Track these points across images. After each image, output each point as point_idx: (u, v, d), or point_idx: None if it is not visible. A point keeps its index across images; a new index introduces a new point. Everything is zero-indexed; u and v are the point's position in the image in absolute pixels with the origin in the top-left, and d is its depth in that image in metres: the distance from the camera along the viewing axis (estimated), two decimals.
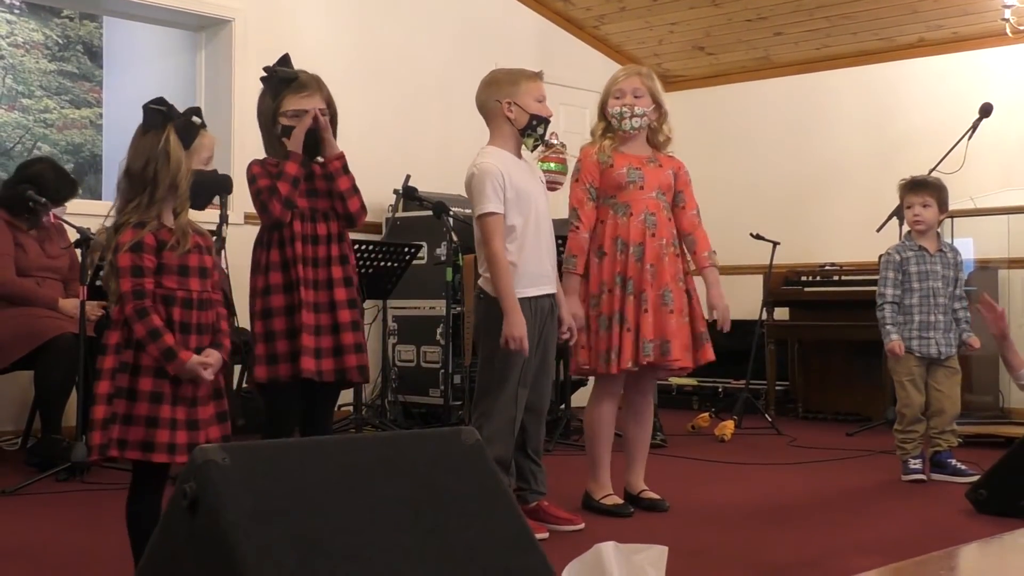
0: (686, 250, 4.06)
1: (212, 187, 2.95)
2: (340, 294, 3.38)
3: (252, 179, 3.39)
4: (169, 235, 2.71)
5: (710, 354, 4.01)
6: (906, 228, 4.94)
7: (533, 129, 3.65)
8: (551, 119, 3.74)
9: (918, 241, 4.76)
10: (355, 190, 3.46)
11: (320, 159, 3.48)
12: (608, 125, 4.02)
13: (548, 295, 3.68)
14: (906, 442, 4.67)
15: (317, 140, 3.41)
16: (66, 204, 5.07)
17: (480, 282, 3.65)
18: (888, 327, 4.68)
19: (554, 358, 3.79)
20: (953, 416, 4.71)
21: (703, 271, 4.05)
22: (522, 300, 3.54)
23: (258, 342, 3.37)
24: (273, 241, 3.38)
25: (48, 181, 4.94)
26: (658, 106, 4.02)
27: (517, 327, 3.48)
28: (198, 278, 2.75)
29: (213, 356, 2.73)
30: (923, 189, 4.75)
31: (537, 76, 3.70)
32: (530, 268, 3.59)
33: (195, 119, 2.77)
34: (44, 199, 4.80)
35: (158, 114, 2.72)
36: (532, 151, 3.75)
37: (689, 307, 3.99)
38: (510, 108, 3.62)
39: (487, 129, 3.75)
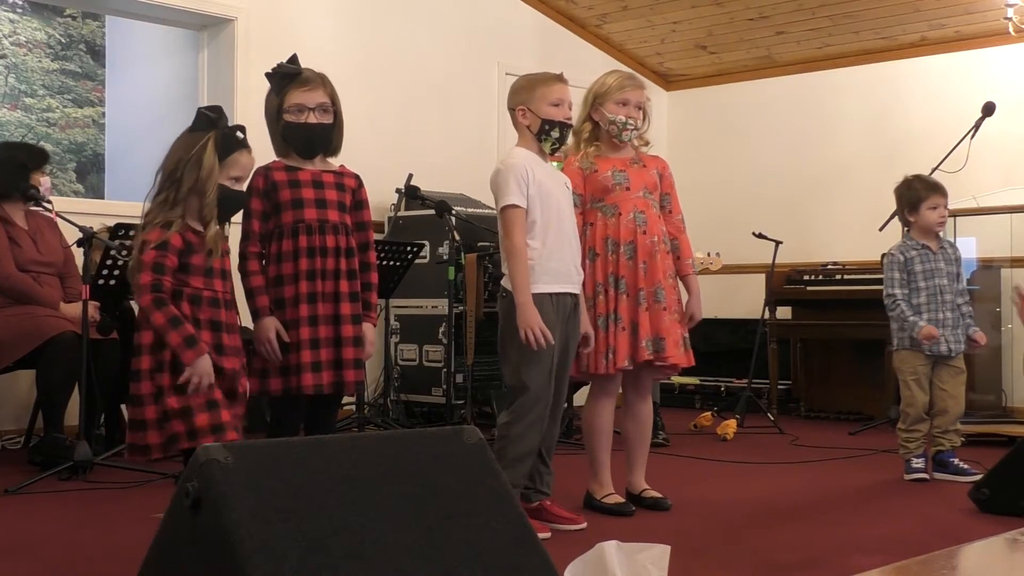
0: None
1: (234, 206, 2.97)
2: (345, 308, 3.36)
3: (248, 191, 3.35)
4: (195, 237, 2.77)
5: (692, 359, 4.03)
6: (904, 227, 4.92)
7: (547, 133, 3.65)
8: (568, 121, 3.73)
9: (921, 240, 4.76)
10: (373, 269, 3.52)
11: (335, 166, 3.48)
12: (595, 127, 4.02)
13: (571, 293, 3.68)
14: (909, 441, 4.66)
15: (327, 136, 3.40)
16: (47, 172, 5.03)
17: (504, 281, 3.65)
18: (911, 319, 4.64)
19: (572, 358, 3.79)
20: (957, 416, 4.70)
21: (685, 278, 4.06)
22: (543, 295, 3.55)
23: (252, 354, 3.38)
24: (271, 256, 3.36)
25: (22, 155, 4.96)
26: (646, 118, 4.05)
27: (531, 317, 3.48)
28: (221, 280, 2.82)
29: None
30: (942, 189, 4.76)
31: (556, 79, 3.69)
32: (552, 265, 3.60)
33: (238, 134, 2.83)
34: (48, 199, 4.82)
35: (205, 119, 2.83)
36: (551, 154, 3.75)
37: (679, 307, 4.00)
38: (524, 115, 3.64)
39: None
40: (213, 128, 2.81)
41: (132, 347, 2.87)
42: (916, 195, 4.76)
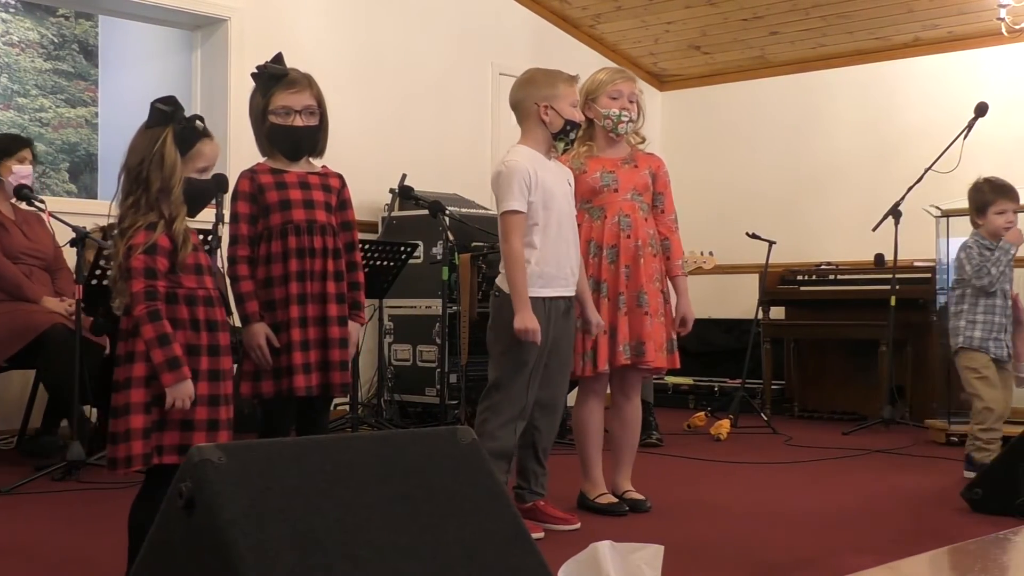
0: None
1: (204, 197, 2.85)
2: (332, 310, 3.34)
3: (234, 195, 3.36)
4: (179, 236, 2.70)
5: (676, 362, 4.03)
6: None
7: (566, 134, 3.64)
8: (583, 124, 3.72)
9: (993, 241, 4.62)
10: (359, 268, 3.49)
11: (319, 167, 3.47)
12: (590, 124, 4.00)
13: (564, 297, 3.67)
14: (991, 443, 4.47)
15: (313, 139, 3.39)
16: (27, 158, 5.00)
17: (498, 279, 3.65)
18: (989, 262, 4.52)
19: (570, 358, 3.79)
20: (1003, 417, 4.60)
21: (674, 279, 4.04)
22: (535, 300, 3.54)
23: (244, 357, 3.37)
24: (260, 259, 3.35)
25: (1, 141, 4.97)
26: (640, 113, 4.04)
27: (528, 320, 3.48)
28: (209, 275, 2.76)
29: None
30: (1011, 193, 4.64)
31: (573, 80, 3.68)
32: (548, 269, 3.59)
33: (197, 123, 2.74)
34: (42, 199, 4.82)
35: (161, 113, 2.70)
36: (561, 154, 3.74)
37: (665, 310, 3.99)
38: (546, 111, 3.60)
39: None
40: (169, 122, 2.68)
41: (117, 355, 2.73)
42: (983, 199, 4.63)
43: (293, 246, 3.31)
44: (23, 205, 4.93)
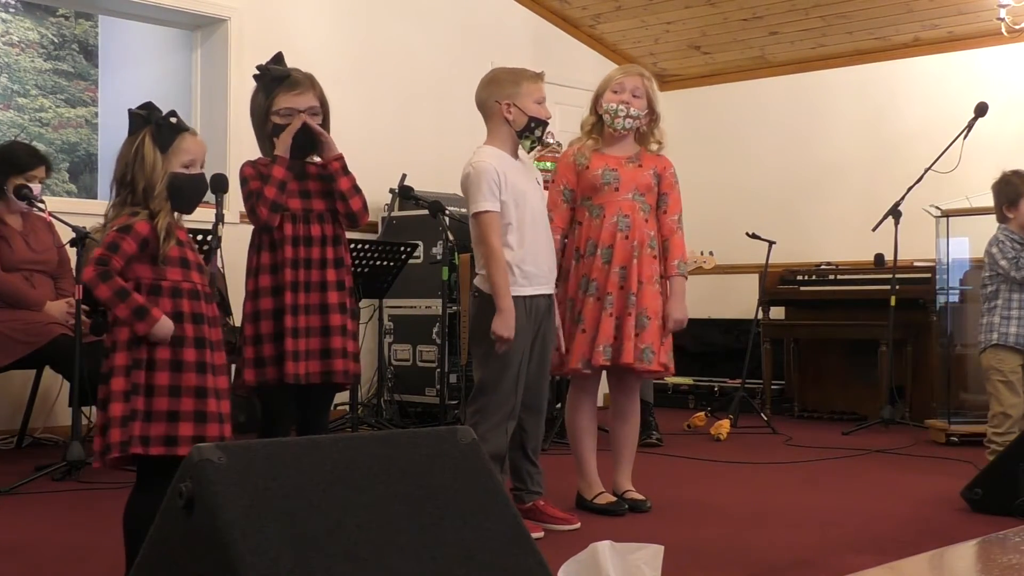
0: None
1: (193, 191, 2.85)
2: (332, 297, 3.36)
3: (244, 180, 3.40)
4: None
5: (661, 362, 3.92)
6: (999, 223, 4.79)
7: (531, 131, 3.64)
8: (549, 121, 3.72)
9: (1020, 235, 4.63)
10: (356, 190, 3.45)
11: (317, 159, 3.48)
12: (598, 120, 4.00)
13: (544, 295, 3.67)
14: (1003, 447, 4.40)
15: (310, 139, 3.40)
16: (40, 177, 4.96)
17: (476, 280, 3.64)
18: None
19: (550, 358, 3.78)
20: (1019, 422, 4.57)
21: (669, 279, 3.99)
22: (517, 298, 3.53)
23: (247, 345, 3.36)
24: (264, 244, 3.38)
25: (18, 155, 4.93)
26: (651, 111, 4.00)
27: (505, 327, 3.48)
28: (198, 272, 2.78)
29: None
30: None
31: (538, 77, 3.67)
32: (526, 267, 3.59)
33: (172, 120, 2.79)
34: (41, 199, 4.81)
35: (138, 118, 2.78)
36: (529, 152, 3.73)
37: (659, 312, 3.96)
38: (509, 109, 3.60)
39: (482, 128, 3.74)
40: (146, 124, 2.77)
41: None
42: (1015, 190, 4.65)
43: (289, 234, 3.35)
44: (25, 206, 4.92)
